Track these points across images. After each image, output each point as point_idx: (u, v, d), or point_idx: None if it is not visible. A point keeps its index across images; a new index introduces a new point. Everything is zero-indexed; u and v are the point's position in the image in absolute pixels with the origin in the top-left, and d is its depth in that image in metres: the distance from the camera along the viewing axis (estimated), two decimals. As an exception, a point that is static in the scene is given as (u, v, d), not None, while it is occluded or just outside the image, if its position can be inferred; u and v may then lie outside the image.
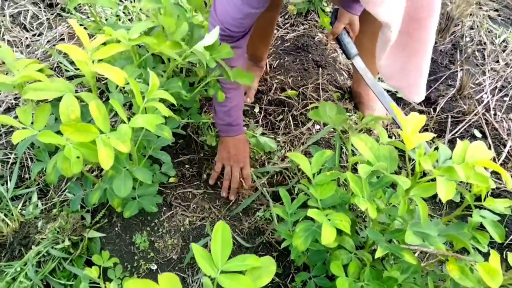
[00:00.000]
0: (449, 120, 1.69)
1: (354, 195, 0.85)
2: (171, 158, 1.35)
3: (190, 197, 1.40)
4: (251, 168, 1.43)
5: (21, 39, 2.03)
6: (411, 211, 0.93)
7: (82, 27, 1.08)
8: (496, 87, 1.83)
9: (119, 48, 1.04)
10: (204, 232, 1.31)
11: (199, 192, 1.41)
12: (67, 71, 1.78)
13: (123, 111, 0.91)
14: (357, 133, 1.05)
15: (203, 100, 1.68)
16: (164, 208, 1.35)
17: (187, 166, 1.48)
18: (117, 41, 1.13)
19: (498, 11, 2.36)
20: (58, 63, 1.82)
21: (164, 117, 0.98)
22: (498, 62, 1.96)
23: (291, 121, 1.65)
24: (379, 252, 0.84)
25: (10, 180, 1.45)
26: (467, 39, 2.05)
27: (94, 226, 1.31)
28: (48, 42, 2.02)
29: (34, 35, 2.08)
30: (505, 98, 1.78)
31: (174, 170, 1.34)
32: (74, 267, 1.19)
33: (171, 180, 1.42)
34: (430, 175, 0.85)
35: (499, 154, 1.57)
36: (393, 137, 1.66)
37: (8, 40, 1.99)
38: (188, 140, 1.54)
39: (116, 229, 1.30)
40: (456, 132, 1.65)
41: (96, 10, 1.35)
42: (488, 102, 1.74)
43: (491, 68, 1.92)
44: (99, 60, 1.02)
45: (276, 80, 1.80)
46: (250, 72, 1.28)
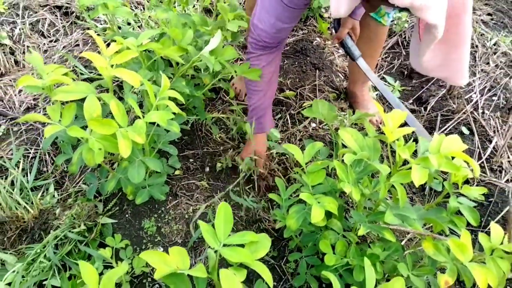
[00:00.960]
0: (438, 118, 1.80)
1: (340, 180, 0.96)
2: (177, 152, 1.48)
3: (193, 188, 1.52)
4: None
5: (39, 45, 2.17)
6: (397, 200, 1.04)
7: (97, 34, 1.20)
8: (485, 87, 1.93)
9: (131, 55, 1.16)
10: (207, 219, 1.42)
11: (202, 183, 1.53)
12: (81, 74, 1.91)
13: (138, 108, 1.03)
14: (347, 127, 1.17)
15: (207, 100, 1.80)
16: (170, 197, 1.47)
17: (191, 160, 1.60)
18: (127, 47, 1.25)
19: (491, 15, 2.46)
20: (73, 67, 1.95)
21: (173, 113, 1.10)
22: (488, 64, 2.06)
23: (289, 119, 1.76)
24: (361, 230, 0.95)
25: (30, 172, 1.57)
26: (459, 42, 2.16)
27: (106, 214, 1.43)
28: (64, 47, 2.16)
29: (51, 41, 2.22)
30: (493, 98, 1.89)
31: (179, 163, 1.47)
32: (89, 248, 1.31)
33: (177, 172, 1.54)
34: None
35: (485, 149, 1.67)
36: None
37: (27, 46, 2.12)
38: (192, 137, 1.66)
39: (127, 215, 1.42)
40: (445, 129, 1.76)
41: (113, 20, 1.46)
42: (476, 101, 1.85)
43: (482, 70, 2.02)
44: (117, 65, 1.14)
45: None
46: (257, 69, 1.41)
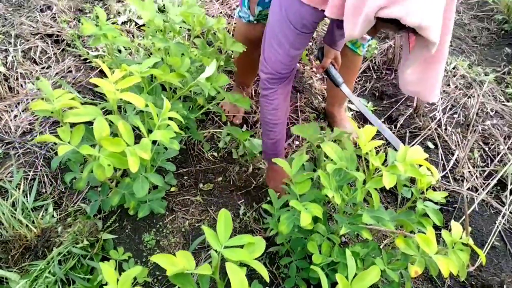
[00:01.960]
0: (407, 134, 1.99)
1: (324, 187, 1.11)
2: (174, 169, 1.60)
3: (189, 203, 1.64)
4: None
5: (31, 72, 2.26)
6: (373, 206, 1.20)
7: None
8: (447, 106, 2.14)
9: (135, 80, 1.29)
10: (202, 231, 1.54)
11: (196, 199, 1.65)
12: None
13: (144, 128, 1.17)
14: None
15: (198, 121, 1.94)
16: (167, 212, 1.58)
17: (185, 177, 1.73)
18: (130, 73, 1.39)
19: (450, 42, 2.71)
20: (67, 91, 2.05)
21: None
22: (449, 85, 2.28)
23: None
24: (343, 230, 1.10)
25: (30, 193, 1.66)
26: (423, 66, 2.38)
27: (106, 230, 1.53)
28: (56, 74, 2.26)
29: (43, 68, 2.32)
30: (454, 115, 2.09)
31: (175, 180, 1.59)
32: (93, 262, 1.40)
33: (172, 189, 1.66)
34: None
35: (448, 161, 1.86)
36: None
37: (21, 73, 2.22)
38: (185, 156, 1.79)
39: (127, 231, 1.53)
40: (413, 144, 1.94)
41: (112, 48, 1.59)
42: (440, 119, 2.05)
43: (444, 91, 2.24)
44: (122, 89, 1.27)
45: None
46: (247, 98, 1.55)
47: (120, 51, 2.34)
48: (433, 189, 1.75)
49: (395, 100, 2.18)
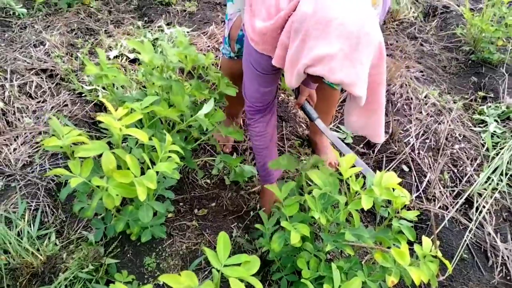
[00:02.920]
0: (384, 158, 2.17)
1: (310, 210, 1.26)
2: (173, 196, 1.73)
3: (185, 228, 1.76)
4: None
5: (28, 106, 2.38)
6: (353, 225, 1.35)
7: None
8: (419, 132, 2.34)
9: (138, 117, 1.43)
10: (198, 253, 1.67)
11: (192, 224, 1.78)
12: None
13: (149, 160, 1.30)
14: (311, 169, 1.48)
15: (191, 150, 2.08)
16: (166, 237, 1.70)
17: (181, 204, 1.86)
18: (131, 109, 1.53)
19: (422, 72, 2.94)
20: (65, 125, 2.17)
21: (174, 163, 1.37)
22: (421, 113, 2.49)
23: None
24: (328, 247, 1.24)
25: (33, 223, 1.76)
26: (398, 95, 2.59)
27: (109, 255, 1.64)
28: (52, 108, 2.38)
29: (38, 102, 2.43)
30: (426, 141, 2.29)
31: (172, 207, 1.72)
32: (99, 285, 1.51)
33: (169, 215, 1.78)
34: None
35: (421, 183, 2.04)
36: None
37: (17, 107, 2.32)
38: (180, 183, 1.92)
39: (128, 255, 1.64)
40: (390, 168, 2.12)
41: (112, 86, 1.73)
42: (413, 144, 2.24)
43: (416, 118, 2.44)
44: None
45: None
46: (240, 130, 1.70)
47: (114, 85, 2.47)
48: (408, 208, 1.92)
49: (372, 127, 2.36)
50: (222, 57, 1.99)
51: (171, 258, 1.64)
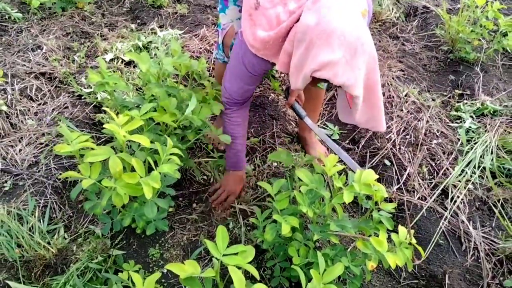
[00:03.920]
0: (368, 154, 2.34)
1: (299, 204, 1.42)
2: (174, 193, 1.87)
3: (185, 221, 1.91)
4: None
5: (29, 109, 2.49)
6: (338, 217, 1.51)
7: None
8: (400, 129, 2.51)
9: (139, 123, 1.56)
10: (198, 244, 1.82)
11: (191, 217, 1.93)
12: (75, 132, 2.26)
13: (153, 162, 1.45)
14: (301, 167, 1.64)
15: (187, 149, 2.22)
16: (168, 230, 1.85)
17: (180, 199, 2.00)
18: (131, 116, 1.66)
19: (403, 71, 3.11)
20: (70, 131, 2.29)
21: (175, 164, 1.51)
22: (402, 110, 2.66)
23: (256, 160, 2.22)
24: (315, 237, 1.40)
25: (43, 219, 1.89)
26: (380, 93, 2.75)
27: (115, 247, 1.79)
28: (53, 110, 2.49)
29: (39, 104, 2.54)
30: (406, 137, 2.46)
31: (173, 202, 1.86)
32: (108, 274, 1.65)
33: (170, 210, 1.93)
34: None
35: (402, 176, 2.21)
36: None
37: (20, 110, 2.44)
38: (180, 180, 2.06)
39: (134, 247, 1.79)
40: (373, 162, 2.29)
41: (112, 92, 1.86)
42: (394, 140, 2.41)
43: (397, 115, 2.61)
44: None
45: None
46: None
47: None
48: (389, 200, 2.10)
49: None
50: (216, 61, 2.15)
51: (173, 249, 1.79)
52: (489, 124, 2.60)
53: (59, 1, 3.30)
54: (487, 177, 2.26)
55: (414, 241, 1.45)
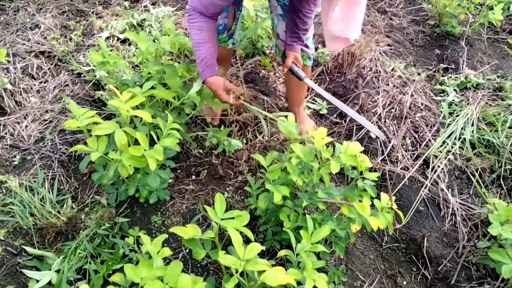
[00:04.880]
0: (354, 127, 2.47)
1: (290, 174, 1.56)
2: (174, 165, 2.01)
3: (183, 191, 2.06)
4: None
5: (32, 87, 2.59)
6: (326, 186, 1.65)
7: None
8: (386, 103, 2.64)
9: (141, 100, 1.68)
10: (196, 212, 1.97)
11: (189, 187, 2.07)
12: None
13: (155, 136, 1.57)
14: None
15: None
16: (168, 198, 2.00)
17: (179, 171, 2.14)
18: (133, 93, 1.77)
19: (390, 45, 3.22)
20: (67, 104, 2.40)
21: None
22: (388, 85, 2.78)
23: (248, 134, 2.35)
24: (304, 203, 1.56)
25: (52, 190, 2.02)
26: (368, 69, 2.87)
27: (120, 215, 1.93)
28: (54, 88, 2.59)
29: (41, 82, 2.64)
30: (392, 110, 2.60)
31: (172, 174, 2.00)
32: (116, 239, 1.80)
33: (170, 181, 2.07)
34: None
35: (386, 147, 2.36)
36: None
37: (23, 88, 2.53)
38: (178, 153, 2.19)
39: (137, 215, 1.93)
40: (359, 135, 2.43)
41: (113, 71, 1.97)
42: (380, 113, 2.55)
43: (383, 90, 2.73)
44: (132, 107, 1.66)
45: (234, 107, 2.51)
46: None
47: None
48: (374, 170, 2.25)
49: (344, 99, 2.66)
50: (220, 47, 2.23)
51: (174, 216, 1.95)
52: (471, 97, 2.74)
53: (53, -22, 3.34)
54: (467, 148, 2.41)
55: (395, 206, 1.60)
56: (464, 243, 1.99)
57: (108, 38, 3.01)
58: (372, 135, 2.44)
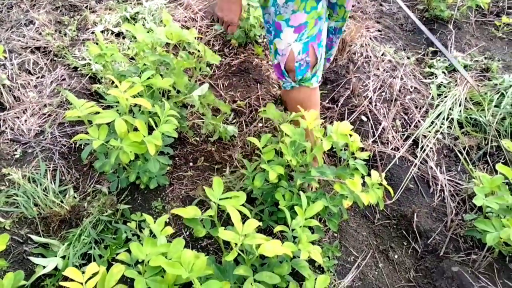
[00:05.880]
0: (346, 111, 2.55)
1: (284, 154, 1.63)
2: (172, 152, 2.07)
3: (182, 177, 2.13)
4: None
5: (29, 82, 2.64)
6: (320, 164, 1.73)
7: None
8: (376, 87, 2.71)
9: (139, 89, 1.74)
10: (195, 197, 2.04)
11: (188, 174, 2.14)
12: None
13: (153, 123, 1.64)
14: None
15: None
16: (167, 185, 2.07)
17: (177, 158, 2.21)
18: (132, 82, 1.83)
19: (380, 31, 3.28)
20: (66, 97, 2.46)
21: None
22: (378, 69, 2.85)
23: (243, 122, 2.42)
24: (298, 181, 1.63)
25: (54, 181, 2.09)
26: (358, 54, 2.94)
27: (122, 202, 2.00)
28: (51, 82, 2.65)
29: (38, 77, 2.69)
30: (382, 93, 2.67)
31: (170, 161, 2.07)
32: (119, 224, 1.88)
33: (168, 168, 2.14)
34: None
35: (377, 129, 2.44)
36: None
37: (20, 83, 2.58)
38: (175, 141, 2.26)
39: (138, 201, 2.00)
40: (351, 118, 2.51)
41: (110, 63, 2.03)
42: (371, 97, 2.62)
43: (374, 74, 2.81)
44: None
45: (228, 95, 2.57)
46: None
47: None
48: (365, 151, 2.32)
49: (336, 85, 2.73)
50: (283, 91, 2.27)
51: (174, 201, 2.02)
52: (459, 79, 2.82)
53: (45, -26, 3.37)
54: (454, 127, 2.49)
55: (384, 182, 1.68)
56: (452, 217, 2.07)
57: (102, 32, 3.06)
58: (364, 118, 2.51)
